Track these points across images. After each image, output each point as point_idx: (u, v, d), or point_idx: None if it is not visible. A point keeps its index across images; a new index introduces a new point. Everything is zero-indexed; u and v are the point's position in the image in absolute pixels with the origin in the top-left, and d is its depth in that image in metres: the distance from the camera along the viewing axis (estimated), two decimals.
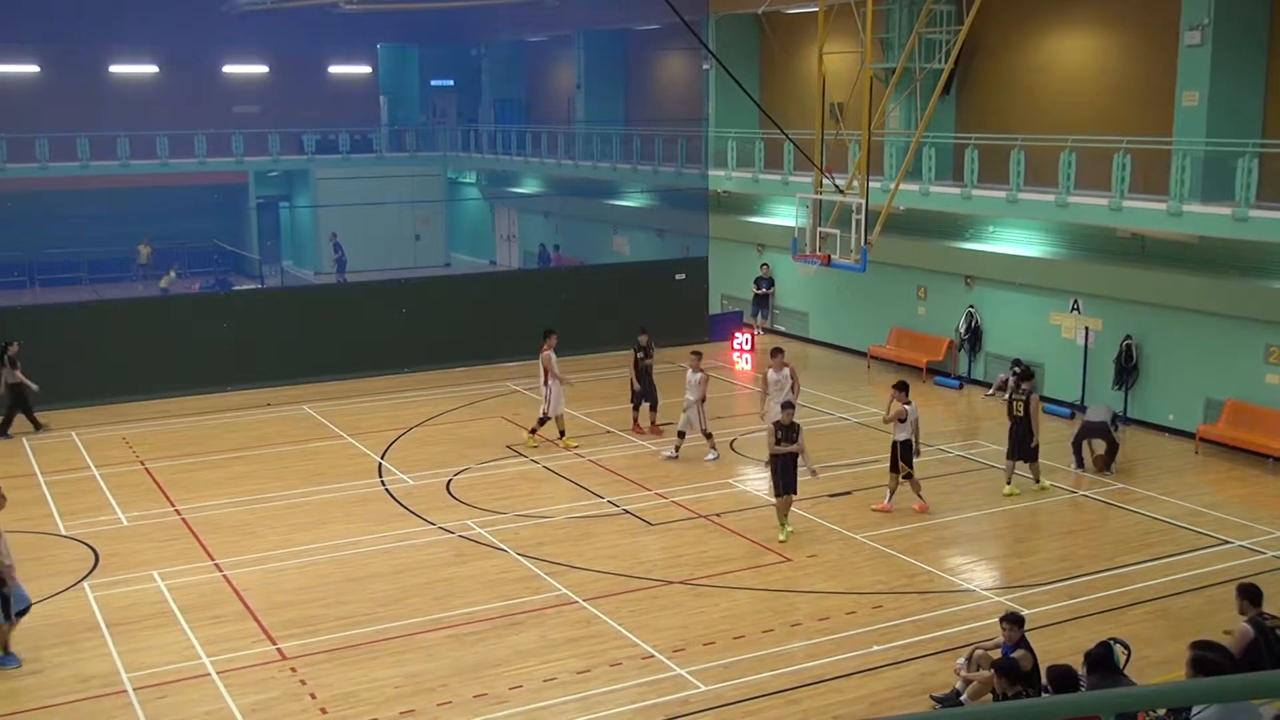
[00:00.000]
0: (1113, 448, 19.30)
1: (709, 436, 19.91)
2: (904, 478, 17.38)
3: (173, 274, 37.91)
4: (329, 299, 28.33)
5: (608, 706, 12.01)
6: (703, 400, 19.65)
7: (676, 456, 19.85)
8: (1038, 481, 18.40)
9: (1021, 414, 17.96)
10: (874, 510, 17.39)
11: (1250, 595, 10.78)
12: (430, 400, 24.12)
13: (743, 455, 20.39)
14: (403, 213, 42.28)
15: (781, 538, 16.24)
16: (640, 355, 21.33)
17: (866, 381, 25.24)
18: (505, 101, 45.21)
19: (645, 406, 21.41)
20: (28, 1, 36.56)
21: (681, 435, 19.90)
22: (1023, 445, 18.04)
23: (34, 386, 21.74)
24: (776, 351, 19.73)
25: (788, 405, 16.96)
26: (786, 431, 16.33)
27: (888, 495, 17.51)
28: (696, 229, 31.75)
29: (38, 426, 22.06)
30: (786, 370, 19.39)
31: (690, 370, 19.75)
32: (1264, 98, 20.64)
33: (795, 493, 16.45)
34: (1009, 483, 18.29)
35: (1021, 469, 18.37)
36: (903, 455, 17.29)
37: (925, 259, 26.01)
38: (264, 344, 25.21)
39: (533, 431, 20.66)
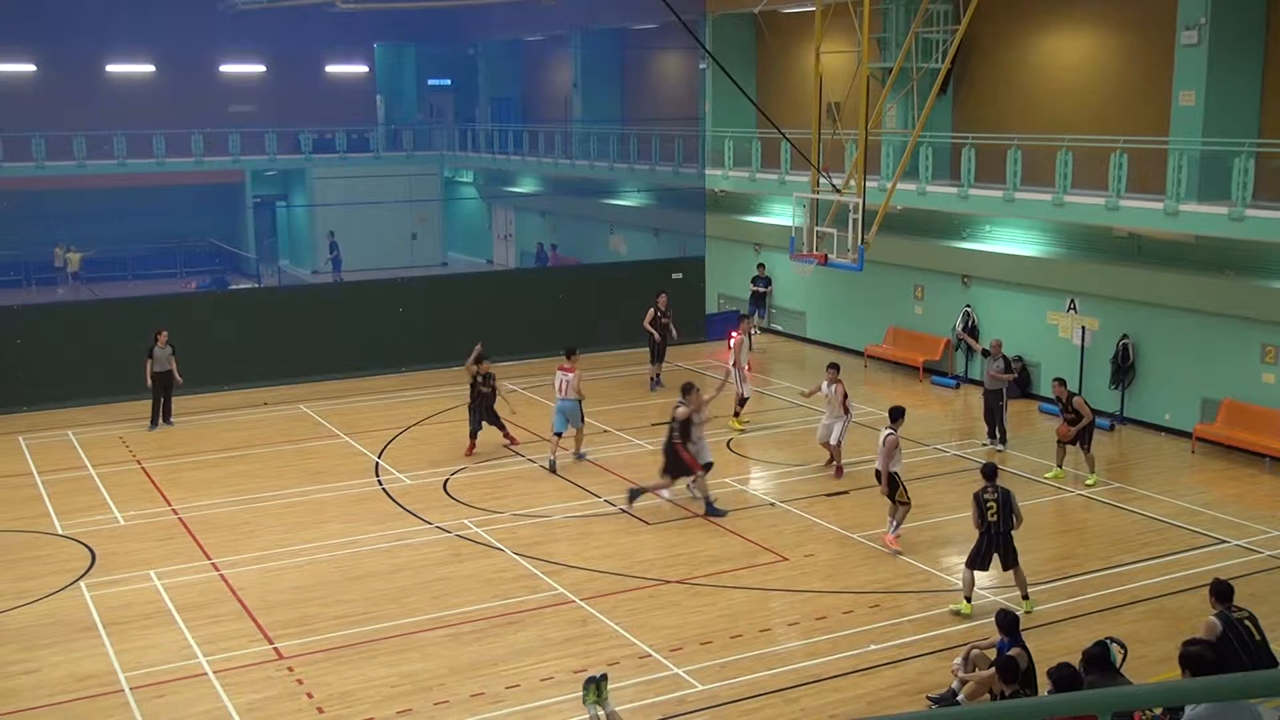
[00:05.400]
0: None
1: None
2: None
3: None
4: (326, 298, 28.29)
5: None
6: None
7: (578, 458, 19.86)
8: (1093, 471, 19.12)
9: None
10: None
11: (1218, 592, 11.01)
12: (427, 399, 24.09)
13: (739, 455, 20.41)
14: (399, 212, 42.23)
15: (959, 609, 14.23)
16: (478, 381, 20.03)
17: (864, 381, 25.24)
18: (502, 101, 45.20)
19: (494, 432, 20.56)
20: (25, 0, 36.52)
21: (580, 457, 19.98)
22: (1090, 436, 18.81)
23: (179, 380, 22.18)
24: (832, 366, 19.58)
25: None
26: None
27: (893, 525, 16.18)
28: (693, 228, 31.74)
29: (166, 419, 22.32)
30: (837, 388, 18.94)
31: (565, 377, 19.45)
32: (1260, 97, 20.65)
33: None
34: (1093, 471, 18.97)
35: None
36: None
37: (922, 258, 26.01)
38: (261, 343, 25.19)
39: (735, 415, 21.67)
